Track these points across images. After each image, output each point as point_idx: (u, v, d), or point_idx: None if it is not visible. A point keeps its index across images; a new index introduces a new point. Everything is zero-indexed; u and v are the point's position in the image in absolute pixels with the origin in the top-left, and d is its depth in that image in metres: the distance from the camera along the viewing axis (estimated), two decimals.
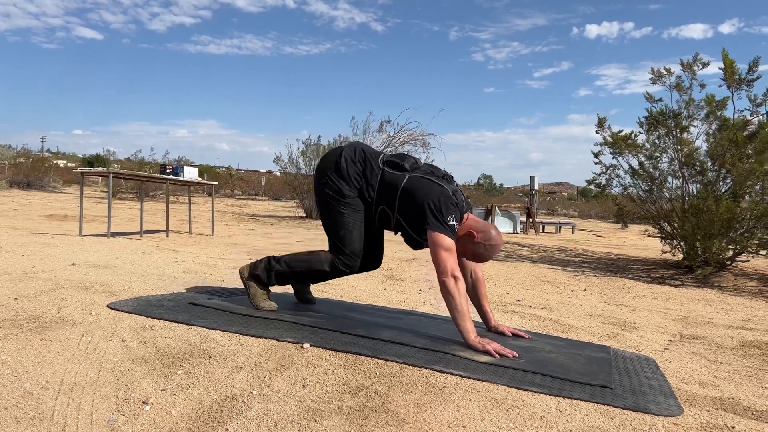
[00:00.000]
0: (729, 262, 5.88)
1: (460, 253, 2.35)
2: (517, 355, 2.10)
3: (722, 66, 5.58)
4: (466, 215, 2.37)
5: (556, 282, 5.00)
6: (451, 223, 2.24)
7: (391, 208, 2.38)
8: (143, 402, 1.56)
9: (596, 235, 13.45)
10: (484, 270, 5.44)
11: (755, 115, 5.47)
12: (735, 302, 4.50)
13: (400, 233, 2.44)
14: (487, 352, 2.09)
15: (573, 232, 14.51)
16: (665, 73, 6.46)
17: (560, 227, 15.24)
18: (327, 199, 2.46)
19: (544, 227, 15.27)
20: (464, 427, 1.52)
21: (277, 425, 1.48)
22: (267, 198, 26.82)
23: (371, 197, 2.43)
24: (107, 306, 2.39)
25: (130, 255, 4.25)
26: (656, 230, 6.30)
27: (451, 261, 2.19)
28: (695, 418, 1.70)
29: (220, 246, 6.12)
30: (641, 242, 10.44)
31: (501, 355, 2.09)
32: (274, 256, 2.56)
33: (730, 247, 5.62)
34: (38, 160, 21.32)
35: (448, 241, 2.21)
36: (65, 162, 37.17)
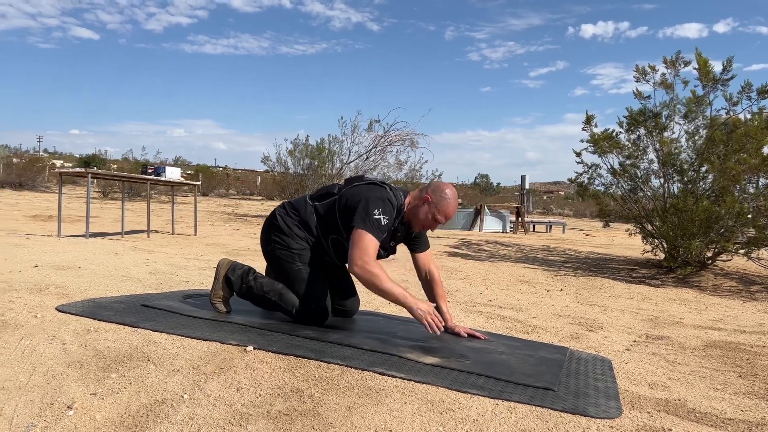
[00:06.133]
0: (709, 262, 5.86)
1: (420, 226, 2.40)
2: (442, 329, 2.21)
3: (696, 66, 5.55)
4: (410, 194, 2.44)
5: (534, 282, 4.98)
6: (376, 216, 2.24)
7: (338, 233, 2.40)
8: (68, 407, 1.53)
9: (586, 235, 13.43)
10: (462, 270, 5.43)
11: (731, 114, 5.44)
12: (710, 302, 4.48)
13: None
14: (420, 318, 2.18)
15: (563, 232, 14.49)
16: (649, 70, 6.43)
17: (551, 226, 15.24)
18: (281, 258, 2.46)
19: (534, 227, 15.26)
20: (391, 430, 1.50)
21: (200, 429, 1.45)
22: (261, 198, 26.76)
23: (316, 235, 2.45)
24: (55, 308, 2.36)
25: (101, 256, 4.22)
26: (637, 230, 6.28)
27: (359, 253, 2.19)
28: (633, 420, 1.68)
29: (200, 246, 6.10)
30: (630, 241, 10.40)
31: (433, 329, 2.18)
32: (253, 270, 2.53)
33: (710, 246, 5.60)
34: (31, 160, 21.23)
35: (366, 238, 2.22)
36: (62, 162, 37.05)
